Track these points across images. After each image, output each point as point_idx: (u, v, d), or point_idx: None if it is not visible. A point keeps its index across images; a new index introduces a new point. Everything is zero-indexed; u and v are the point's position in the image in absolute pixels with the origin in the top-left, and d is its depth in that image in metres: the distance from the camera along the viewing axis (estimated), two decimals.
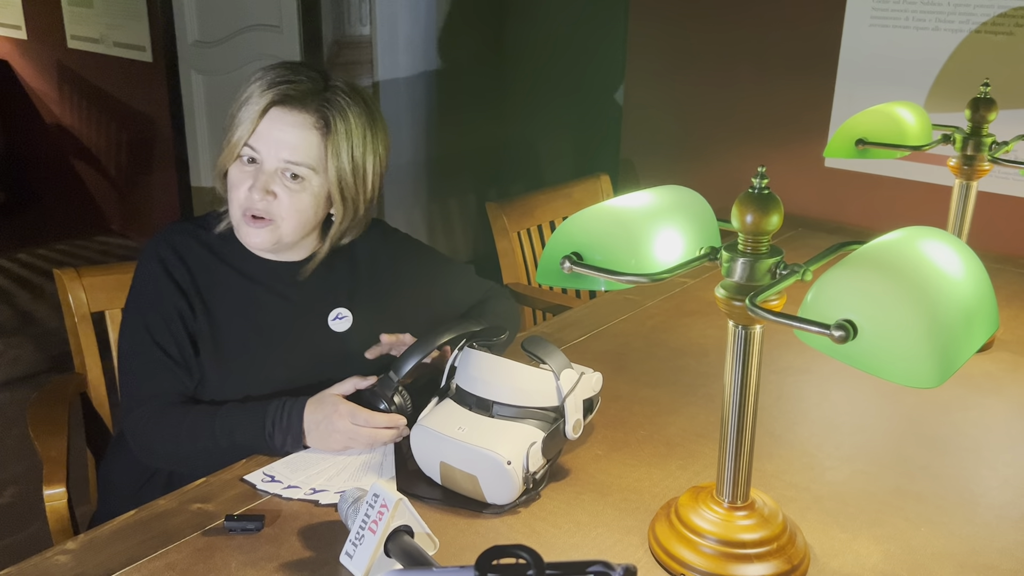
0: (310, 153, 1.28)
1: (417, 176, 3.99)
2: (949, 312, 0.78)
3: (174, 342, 1.30)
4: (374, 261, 1.46)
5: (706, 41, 2.61)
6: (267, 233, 1.31)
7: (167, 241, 1.35)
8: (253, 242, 1.32)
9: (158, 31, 4.02)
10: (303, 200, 1.30)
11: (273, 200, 1.29)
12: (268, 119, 1.27)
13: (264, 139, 1.27)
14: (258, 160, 1.29)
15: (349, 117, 1.30)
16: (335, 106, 1.29)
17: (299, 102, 1.27)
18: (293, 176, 1.29)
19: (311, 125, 1.28)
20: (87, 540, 1.06)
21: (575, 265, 0.97)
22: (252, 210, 1.29)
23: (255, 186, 1.28)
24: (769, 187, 0.92)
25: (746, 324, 0.95)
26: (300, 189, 1.29)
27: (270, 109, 1.27)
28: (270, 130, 1.27)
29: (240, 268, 1.37)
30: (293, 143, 1.27)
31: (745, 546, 1.00)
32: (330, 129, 1.28)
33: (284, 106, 1.27)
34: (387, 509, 0.93)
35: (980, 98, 1.56)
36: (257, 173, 1.29)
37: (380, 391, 1.25)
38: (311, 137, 1.28)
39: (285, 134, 1.27)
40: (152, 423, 1.26)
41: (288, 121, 1.27)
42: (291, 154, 1.28)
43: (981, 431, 1.36)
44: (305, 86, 1.28)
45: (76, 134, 4.84)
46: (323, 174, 1.30)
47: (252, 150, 1.28)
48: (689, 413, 1.39)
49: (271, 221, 1.30)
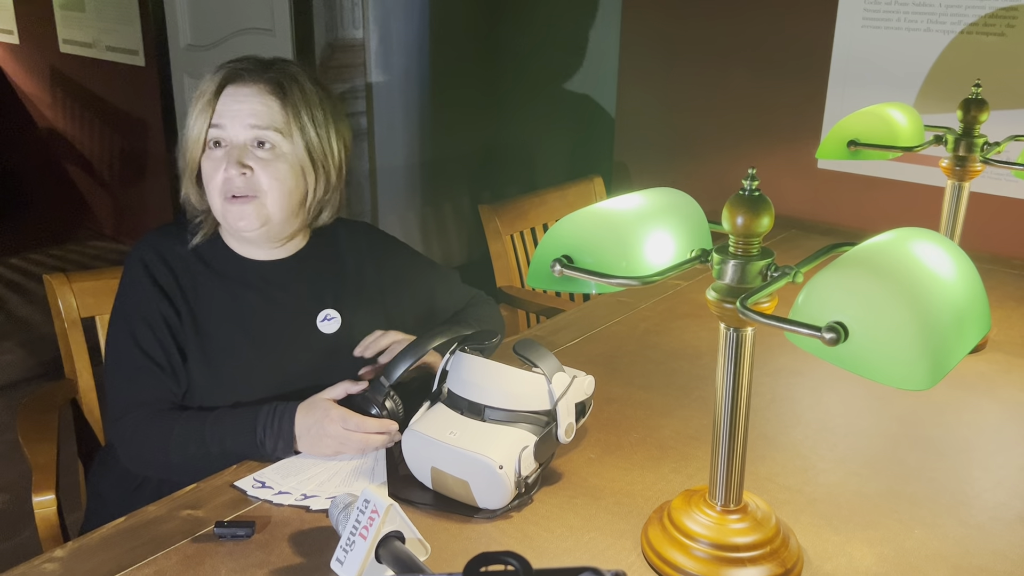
0: (274, 117, 1.29)
1: (411, 179, 3.98)
2: (941, 314, 0.78)
3: (161, 349, 1.29)
4: (360, 262, 1.46)
5: (698, 43, 2.61)
6: (253, 210, 1.29)
7: (151, 246, 1.35)
8: (240, 224, 1.30)
9: (150, 35, 4.02)
10: (280, 169, 1.30)
11: (251, 175, 1.29)
12: (224, 96, 1.29)
13: (225, 114, 1.29)
14: (224, 139, 1.29)
15: (302, 82, 1.32)
16: (286, 74, 1.32)
17: (250, 74, 1.30)
18: (261, 144, 1.29)
19: (267, 92, 1.30)
20: (75, 548, 1.05)
21: (566, 268, 0.96)
22: (233, 191, 1.29)
23: (229, 164, 1.28)
24: (760, 189, 0.92)
25: (737, 326, 0.95)
26: (273, 157, 1.29)
27: (224, 88, 1.29)
28: (229, 104, 1.29)
29: (226, 271, 1.36)
30: (255, 109, 1.29)
31: (738, 550, 1.00)
32: (287, 93, 1.30)
33: (236, 82, 1.30)
34: (378, 515, 0.92)
35: (972, 99, 1.56)
36: (227, 154, 1.29)
37: (371, 396, 1.24)
38: (270, 102, 1.29)
39: (245, 103, 1.29)
40: (140, 432, 1.25)
41: (244, 93, 1.29)
42: (255, 119, 1.28)
43: (974, 432, 1.35)
44: (252, 63, 1.32)
45: (69, 138, 4.82)
46: (291, 139, 1.30)
47: (217, 128, 1.29)
48: (682, 416, 1.39)
49: (255, 197, 1.29)
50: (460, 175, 4.21)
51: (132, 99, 4.30)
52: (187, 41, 3.95)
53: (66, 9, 4.47)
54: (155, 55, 4.02)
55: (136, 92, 4.24)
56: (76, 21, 4.44)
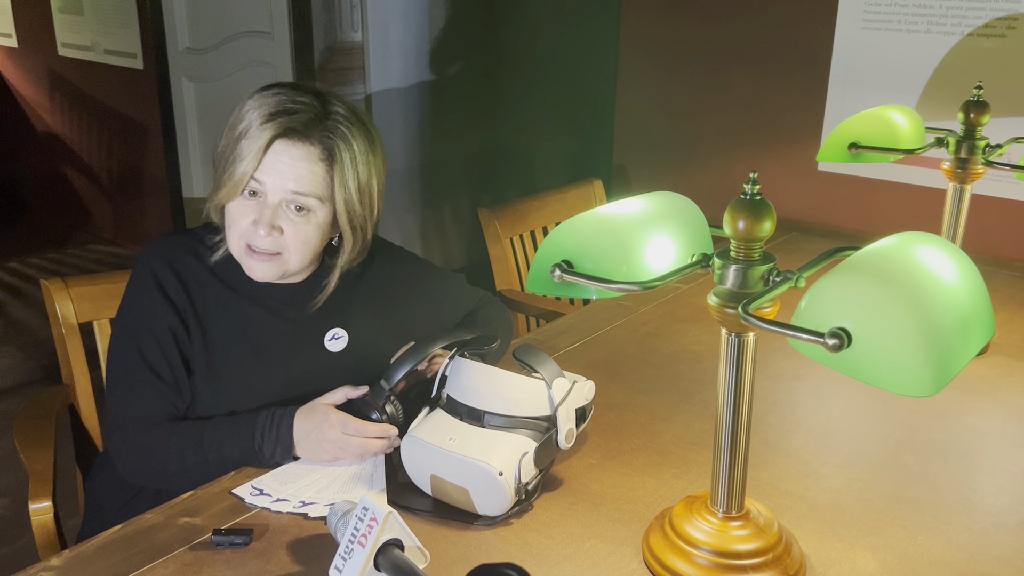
0: (316, 184, 1.24)
1: (410, 182, 3.98)
2: (945, 319, 0.77)
3: (166, 362, 1.28)
4: (371, 279, 1.44)
5: (698, 46, 2.61)
6: (272, 267, 1.28)
7: (161, 255, 1.32)
8: (258, 275, 1.29)
9: (149, 38, 4.01)
10: (308, 232, 1.27)
11: (279, 235, 1.26)
12: (272, 152, 1.23)
13: (269, 172, 1.23)
14: (260, 193, 1.25)
15: (352, 145, 1.26)
16: (338, 135, 1.25)
17: (302, 134, 1.23)
18: (298, 208, 1.25)
19: (316, 157, 1.24)
20: (72, 556, 1.04)
21: (565, 273, 0.95)
22: (255, 245, 1.26)
23: (260, 221, 1.24)
24: (762, 192, 0.91)
25: (739, 332, 0.94)
26: (305, 222, 1.26)
27: (273, 143, 1.23)
28: (274, 163, 1.23)
29: (238, 287, 1.34)
30: (299, 175, 1.23)
31: (740, 556, 0.99)
32: (335, 159, 1.25)
33: (287, 139, 1.23)
34: (376, 522, 0.91)
35: (973, 101, 1.56)
36: (261, 207, 1.25)
37: (371, 400, 1.23)
38: (317, 169, 1.24)
39: (291, 167, 1.23)
40: (138, 443, 1.24)
41: (293, 155, 1.23)
42: (297, 185, 1.24)
43: (977, 437, 1.34)
44: (306, 116, 1.24)
45: (67, 142, 4.82)
46: (329, 203, 1.27)
47: (257, 183, 1.24)
48: (683, 421, 1.38)
49: (276, 255, 1.27)
50: (459, 178, 4.20)
51: (131, 102, 4.29)
52: (185, 44, 3.94)
53: (64, 12, 4.47)
54: (153, 58, 4.02)
55: (135, 95, 4.23)
56: (74, 24, 4.44)
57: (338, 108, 1.27)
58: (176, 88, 4.04)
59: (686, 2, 2.60)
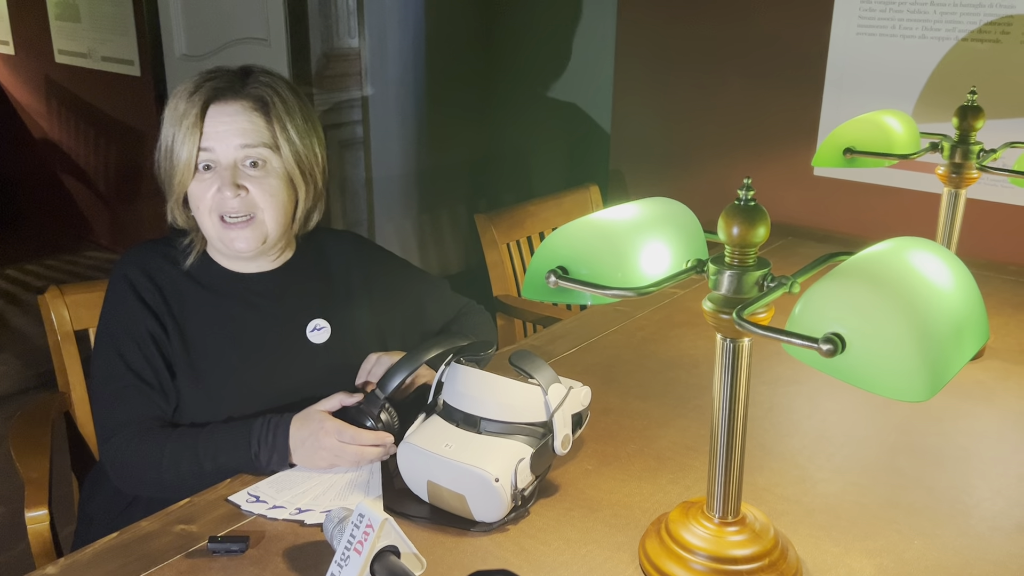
0: (260, 133, 1.28)
1: (407, 188, 3.98)
2: (939, 325, 0.77)
3: (148, 366, 1.28)
4: (347, 271, 1.45)
5: (694, 51, 2.61)
6: (251, 232, 1.29)
7: (135, 262, 1.33)
8: (240, 246, 1.30)
9: (146, 45, 4.01)
10: (272, 185, 1.29)
11: (246, 195, 1.28)
12: (209, 118, 1.27)
13: (212, 137, 1.27)
14: (213, 162, 1.28)
15: (280, 92, 1.31)
16: (263, 84, 1.30)
17: (230, 92, 1.28)
18: (253, 164, 1.28)
19: (251, 108, 1.28)
20: (68, 563, 1.04)
21: (560, 279, 0.96)
22: (228, 212, 1.28)
23: (223, 186, 1.26)
24: (756, 198, 0.91)
25: (734, 337, 0.94)
26: (265, 174, 1.29)
27: (208, 109, 1.27)
28: (215, 128, 1.27)
29: (212, 284, 1.35)
30: (243, 128, 1.27)
31: (736, 562, 0.99)
32: (269, 107, 1.29)
33: (219, 100, 1.27)
34: (372, 529, 0.91)
35: (967, 106, 1.56)
36: (219, 175, 1.27)
37: (366, 408, 1.23)
38: (256, 119, 1.28)
39: (232, 123, 1.27)
40: (131, 451, 1.24)
41: (229, 111, 1.27)
42: (243, 138, 1.27)
43: (973, 441, 1.35)
44: (227, 78, 1.29)
45: (64, 149, 4.82)
46: (278, 152, 1.29)
47: (206, 151, 1.27)
48: (680, 426, 1.38)
49: (251, 218, 1.29)
50: (456, 184, 4.20)
51: (128, 109, 4.29)
52: (182, 51, 3.94)
53: (61, 20, 4.47)
54: (150, 65, 4.02)
55: (131, 102, 4.24)
56: (71, 31, 4.44)
57: (253, 68, 1.33)
58: None
59: (682, 8, 2.61)
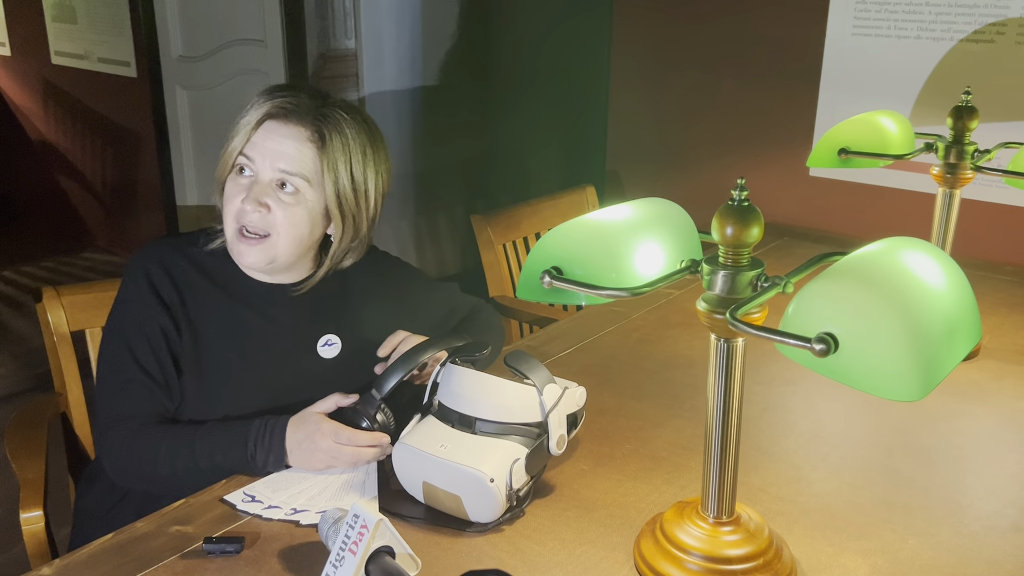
0: (304, 164, 1.27)
1: (404, 189, 3.98)
2: (931, 324, 0.78)
3: (156, 361, 1.28)
4: (366, 287, 1.44)
5: (690, 51, 2.62)
6: (260, 251, 1.29)
7: (154, 256, 1.33)
8: (247, 261, 1.30)
9: (142, 46, 4.01)
10: (297, 214, 1.28)
11: (267, 213, 1.27)
12: (263, 130, 1.27)
13: (258, 148, 1.27)
14: (252, 171, 1.28)
15: (346, 132, 1.29)
16: (331, 120, 1.28)
17: (295, 115, 1.27)
18: (286, 188, 1.28)
19: (306, 138, 1.27)
20: (63, 565, 1.04)
21: (555, 280, 0.96)
22: (246, 224, 1.28)
23: (248, 197, 1.27)
24: (750, 198, 0.91)
25: (728, 337, 0.94)
26: (294, 203, 1.28)
27: (265, 121, 1.27)
28: (264, 140, 1.27)
29: (229, 288, 1.35)
30: (287, 153, 1.27)
31: (731, 562, 0.99)
32: (325, 143, 1.28)
33: (279, 119, 1.27)
34: (367, 530, 0.92)
35: (962, 106, 1.56)
36: (251, 185, 1.28)
37: (362, 409, 1.23)
38: (305, 149, 1.27)
39: (279, 145, 1.26)
40: (129, 444, 1.24)
41: (283, 133, 1.27)
42: (286, 163, 1.27)
43: (967, 440, 1.35)
44: (302, 101, 1.28)
45: (61, 150, 4.81)
46: (319, 188, 1.29)
47: (246, 159, 1.27)
48: (675, 426, 1.38)
49: (265, 237, 1.28)
50: (453, 184, 4.20)
51: (124, 110, 4.29)
52: (179, 52, 3.94)
53: (58, 21, 4.47)
54: (147, 66, 4.02)
55: (128, 103, 4.23)
56: (68, 33, 4.44)
57: (336, 102, 1.32)
58: (170, 96, 4.04)
59: (678, 8, 2.61)
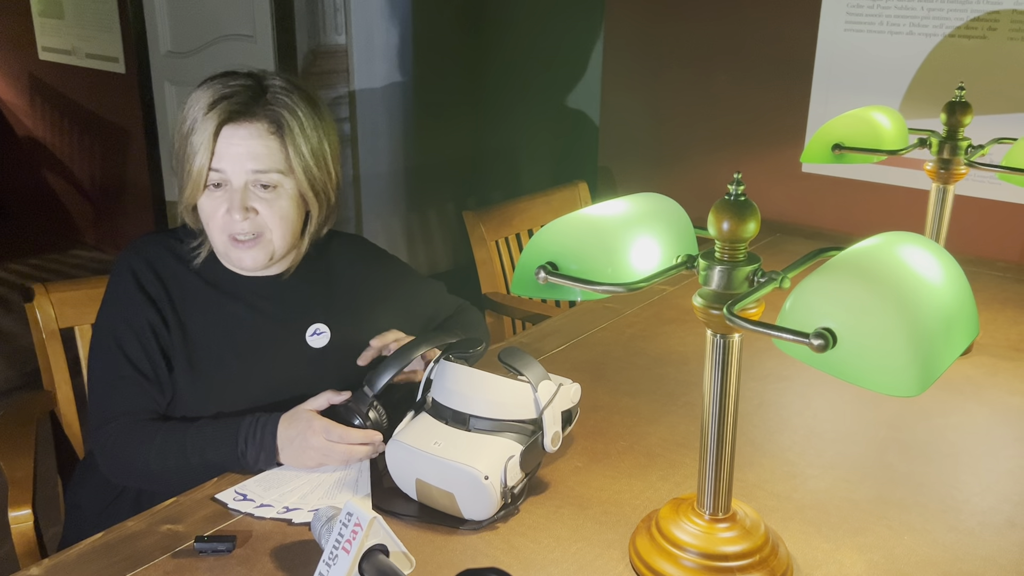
0: (273, 158, 1.26)
1: (395, 185, 3.96)
2: (929, 319, 0.77)
3: (146, 358, 1.28)
4: (351, 277, 1.44)
5: (682, 48, 2.61)
6: (259, 251, 1.29)
7: (140, 253, 1.33)
8: (247, 264, 1.30)
9: (131, 42, 3.98)
10: (283, 206, 1.29)
11: (255, 216, 1.27)
12: (223, 139, 1.25)
13: (226, 158, 1.25)
14: (224, 182, 1.27)
15: (297, 112, 1.29)
16: (280, 105, 1.28)
17: (246, 114, 1.26)
18: (264, 186, 1.27)
19: (266, 132, 1.26)
20: (53, 564, 1.03)
21: (550, 275, 0.95)
22: (237, 233, 1.27)
23: (233, 208, 1.26)
24: (745, 193, 0.91)
25: (724, 333, 0.94)
26: (276, 197, 1.28)
27: (221, 130, 1.25)
28: (227, 148, 1.25)
29: (215, 281, 1.35)
30: (256, 152, 1.25)
31: (727, 559, 0.99)
32: (284, 129, 1.27)
33: (233, 122, 1.25)
34: (361, 528, 0.91)
35: (955, 102, 1.56)
36: (229, 195, 1.26)
37: (355, 406, 1.22)
38: (270, 143, 1.26)
39: (245, 147, 1.25)
40: (121, 440, 1.23)
41: (242, 135, 1.25)
42: (256, 163, 1.26)
43: (962, 436, 1.35)
44: (245, 96, 1.26)
45: (48, 146, 4.78)
46: (291, 175, 1.29)
47: (216, 172, 1.26)
48: (670, 422, 1.38)
49: (259, 236, 1.28)
50: (445, 181, 4.19)
51: (113, 106, 4.26)
52: (167, 48, 3.92)
53: (45, 16, 4.43)
54: (135, 62, 3.99)
55: (117, 99, 4.20)
56: (55, 28, 4.40)
57: (274, 81, 1.30)
58: (158, 92, 4.01)
59: (669, 4, 2.60)
